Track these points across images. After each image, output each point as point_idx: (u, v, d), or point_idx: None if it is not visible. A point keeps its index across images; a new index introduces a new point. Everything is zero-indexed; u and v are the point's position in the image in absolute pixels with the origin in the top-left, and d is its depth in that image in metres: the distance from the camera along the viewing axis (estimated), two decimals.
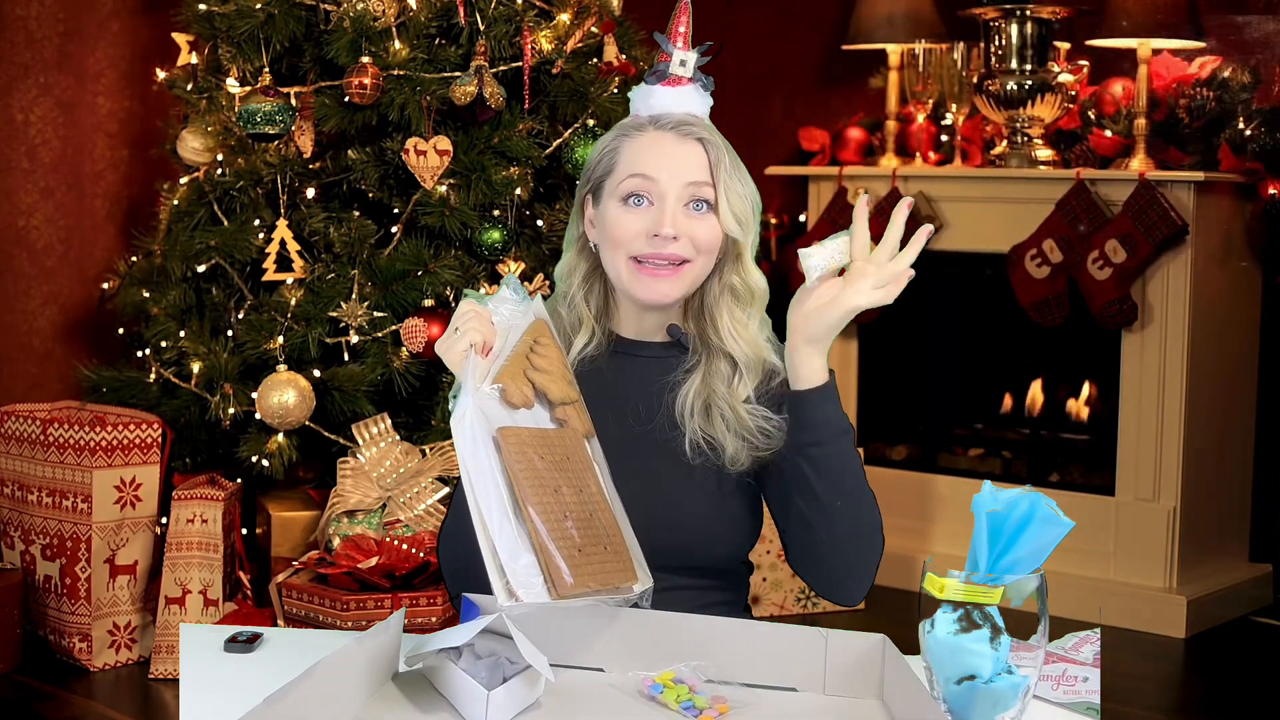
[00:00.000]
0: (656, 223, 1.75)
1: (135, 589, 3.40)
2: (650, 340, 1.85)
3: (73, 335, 4.05)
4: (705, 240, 1.77)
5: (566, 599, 1.51)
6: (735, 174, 1.79)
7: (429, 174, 3.47)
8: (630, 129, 1.81)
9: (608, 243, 1.79)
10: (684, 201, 1.76)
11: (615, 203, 1.78)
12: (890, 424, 4.55)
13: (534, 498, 1.55)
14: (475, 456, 1.54)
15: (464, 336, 1.63)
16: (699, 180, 1.76)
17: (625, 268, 1.78)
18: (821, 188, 4.53)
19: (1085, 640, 1.61)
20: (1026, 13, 4.12)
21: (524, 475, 1.55)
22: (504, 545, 1.51)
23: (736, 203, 1.78)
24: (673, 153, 1.77)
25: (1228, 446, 4.12)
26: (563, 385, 1.69)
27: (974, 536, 1.45)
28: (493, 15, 3.58)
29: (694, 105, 1.82)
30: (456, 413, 1.56)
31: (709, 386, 1.80)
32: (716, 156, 1.77)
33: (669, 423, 1.81)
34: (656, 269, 1.76)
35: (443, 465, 3.39)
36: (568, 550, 1.53)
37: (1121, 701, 3.31)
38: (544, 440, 1.62)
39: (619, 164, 1.79)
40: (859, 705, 1.56)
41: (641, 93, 1.83)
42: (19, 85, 3.97)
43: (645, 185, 1.76)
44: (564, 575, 1.51)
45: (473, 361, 1.62)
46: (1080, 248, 3.96)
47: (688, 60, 1.81)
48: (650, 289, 1.77)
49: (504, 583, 1.49)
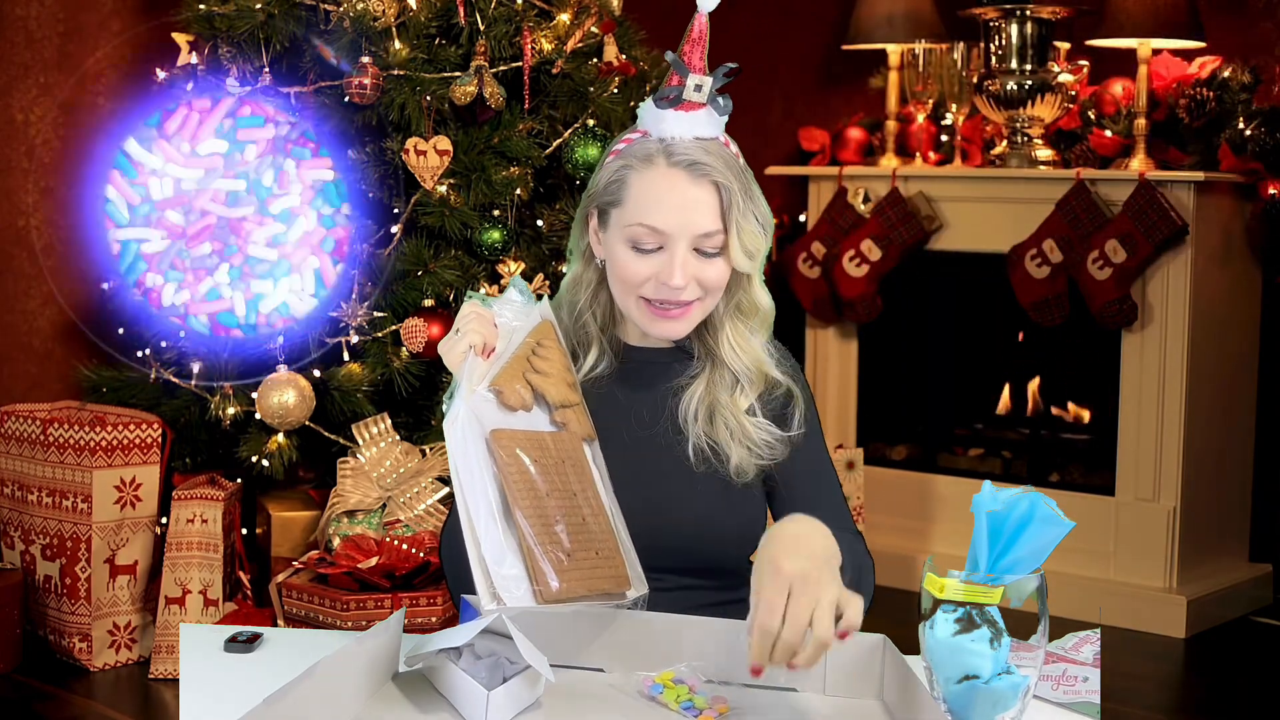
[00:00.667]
0: (666, 273, 1.72)
1: (135, 589, 3.40)
2: (656, 347, 1.86)
3: (73, 335, 4.05)
4: (714, 281, 1.75)
5: (551, 604, 1.51)
6: (748, 207, 1.74)
7: (429, 174, 3.47)
8: (638, 159, 1.73)
9: (616, 280, 1.78)
10: (694, 246, 1.73)
11: (623, 246, 1.74)
12: (890, 424, 4.55)
13: (523, 501, 1.54)
14: (466, 458, 1.54)
15: (464, 338, 1.63)
16: (711, 230, 1.72)
17: (635, 305, 1.77)
18: (821, 188, 4.53)
19: (1085, 640, 1.61)
20: (1026, 13, 4.12)
21: (515, 478, 1.55)
22: (490, 548, 1.50)
23: (748, 240, 1.74)
24: (684, 200, 1.71)
25: (1228, 446, 4.12)
26: (563, 388, 1.68)
27: (974, 536, 1.45)
28: (493, 15, 3.58)
29: (705, 129, 1.74)
30: (449, 415, 1.56)
31: (712, 394, 1.81)
32: (729, 199, 1.71)
33: (673, 427, 1.81)
34: (666, 309, 1.76)
35: (442, 465, 3.39)
36: (555, 555, 1.53)
37: (1121, 701, 3.31)
38: (539, 443, 1.61)
39: (627, 200, 1.73)
40: (859, 705, 1.56)
41: (651, 113, 1.74)
42: (19, 85, 3.97)
43: (654, 237, 1.73)
44: (549, 580, 1.51)
45: (470, 363, 1.61)
46: (1080, 248, 3.97)
47: (704, 85, 1.72)
48: (661, 328, 1.77)
49: (489, 585, 1.49)
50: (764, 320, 1.84)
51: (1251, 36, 4.18)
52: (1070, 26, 4.24)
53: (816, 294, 4.42)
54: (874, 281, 4.28)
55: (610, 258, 1.77)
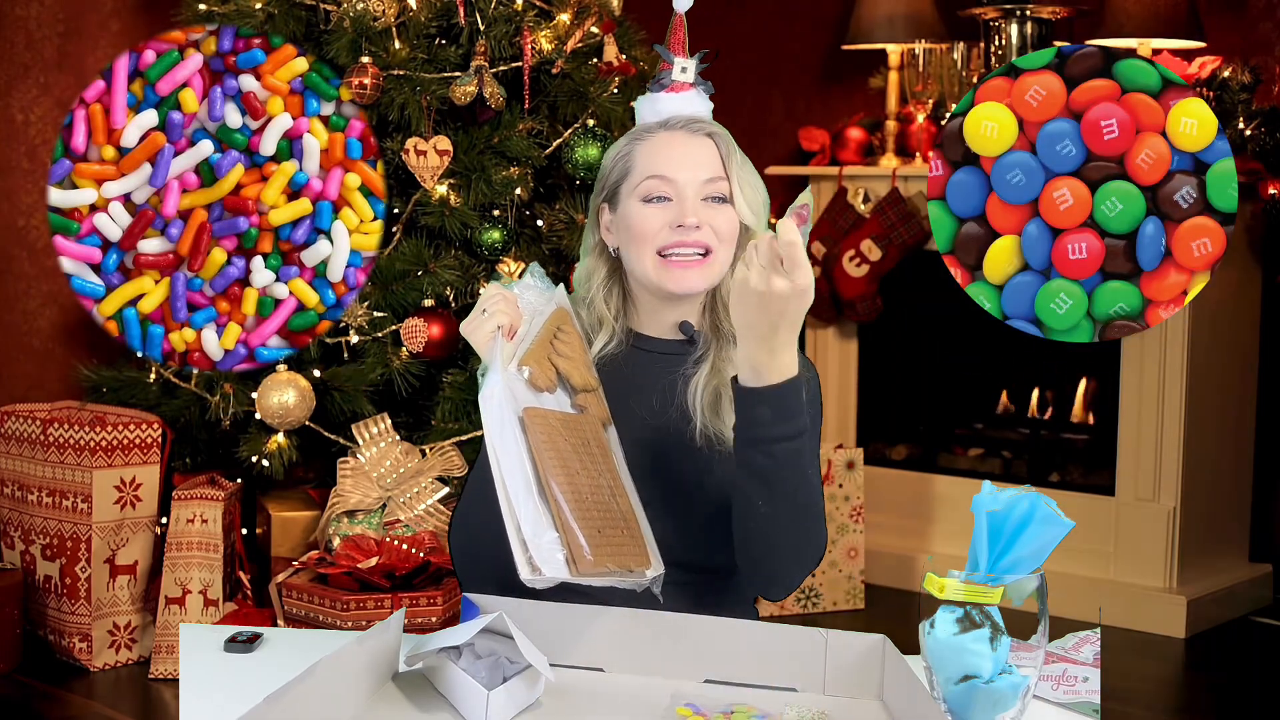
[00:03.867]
0: (680, 214, 1.80)
1: (135, 589, 3.41)
2: (667, 338, 1.88)
3: (73, 335, 4.05)
4: (726, 229, 1.83)
5: (585, 576, 1.54)
6: (747, 165, 1.86)
7: (429, 174, 3.47)
8: (641, 133, 1.87)
9: (632, 240, 1.83)
10: (702, 196, 1.82)
11: (636, 203, 1.83)
12: (890, 424, 4.55)
13: (559, 476, 1.58)
14: (502, 434, 1.58)
15: (492, 318, 1.68)
16: (714, 176, 1.82)
17: (652, 263, 1.82)
18: (821, 188, 4.53)
19: (1085, 640, 1.61)
20: (1026, 13, 4.12)
21: (549, 455, 1.59)
22: (527, 521, 1.54)
23: (750, 194, 1.84)
24: (686, 151, 1.83)
25: (1228, 446, 4.12)
26: (584, 372, 1.73)
27: (974, 536, 1.45)
28: (493, 15, 3.58)
29: (698, 109, 1.89)
30: (485, 390, 1.60)
31: (718, 374, 1.84)
32: (728, 150, 1.84)
33: (682, 416, 1.83)
34: (684, 260, 1.81)
35: (443, 465, 3.40)
36: (589, 529, 1.57)
37: (1121, 701, 3.31)
38: (567, 423, 1.66)
39: (635, 167, 1.84)
40: (859, 705, 1.56)
41: (647, 101, 1.90)
42: (19, 85, 3.98)
43: (664, 186, 1.82)
44: (585, 552, 1.55)
45: (500, 343, 1.66)
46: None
47: (689, 67, 1.88)
48: (679, 280, 1.81)
49: (526, 556, 1.52)
50: None
51: (1251, 36, 4.18)
52: (1070, 26, 4.24)
53: (817, 294, 4.42)
54: (874, 281, 4.28)
55: (624, 225, 1.84)
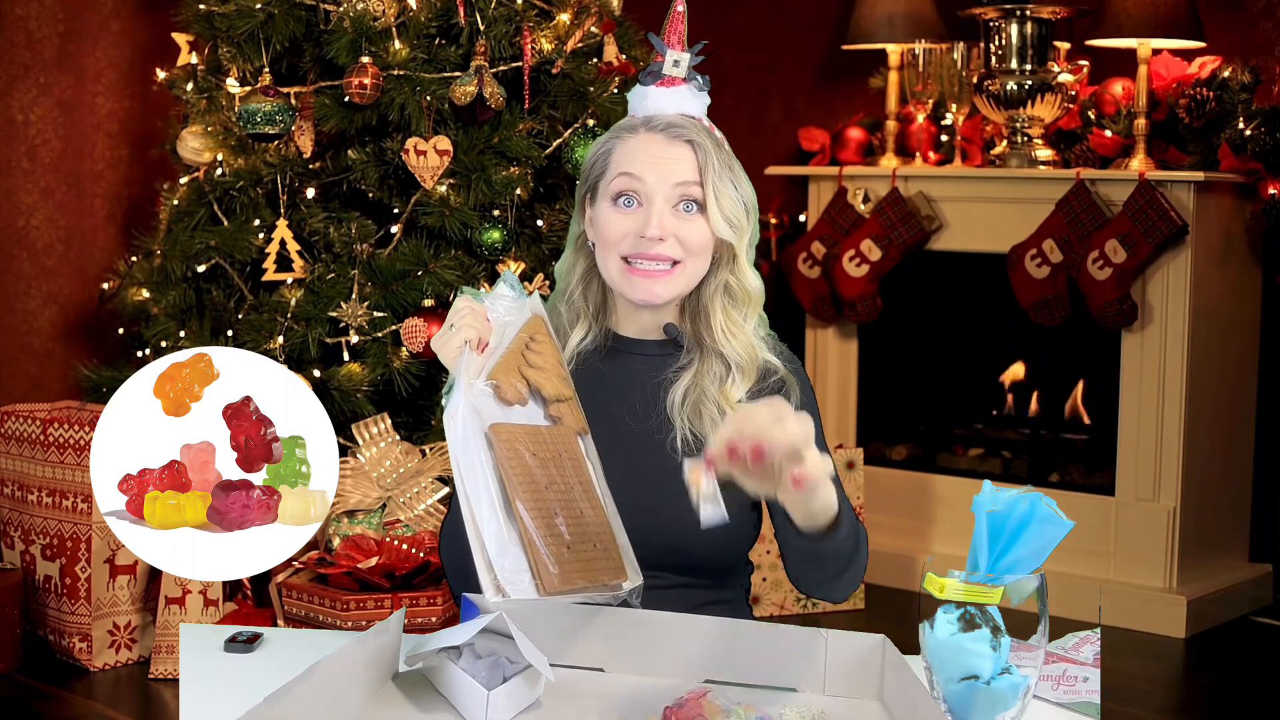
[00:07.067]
0: (643, 224, 1.77)
1: (135, 589, 3.41)
2: (647, 339, 1.86)
3: (73, 335, 4.06)
4: (694, 241, 1.78)
5: (554, 595, 1.52)
6: (726, 175, 1.80)
7: (429, 174, 3.47)
8: (624, 131, 1.83)
9: (600, 242, 1.82)
10: (672, 203, 1.78)
11: (607, 203, 1.80)
12: (890, 424, 4.55)
13: (524, 495, 1.56)
14: (467, 453, 1.56)
15: (459, 333, 1.64)
16: (687, 180, 1.78)
17: (616, 268, 1.80)
18: (821, 188, 4.53)
19: (1085, 640, 1.61)
20: (1026, 13, 4.12)
21: (515, 472, 1.56)
22: (492, 541, 1.52)
23: (727, 205, 1.79)
24: (661, 154, 1.78)
25: (1228, 446, 4.12)
26: (557, 382, 1.70)
27: (974, 536, 1.45)
28: (493, 15, 3.58)
29: (688, 105, 1.84)
30: (449, 409, 1.58)
31: (700, 386, 1.81)
32: (705, 159, 1.78)
33: (663, 422, 1.81)
34: (648, 270, 1.78)
35: (442, 465, 3.39)
36: (556, 547, 1.54)
37: (1121, 701, 3.31)
38: (536, 437, 1.63)
39: (611, 165, 1.81)
40: (859, 705, 1.55)
41: (637, 94, 1.85)
42: (19, 85, 3.97)
43: (633, 185, 1.78)
44: (551, 572, 1.52)
45: (467, 358, 1.63)
46: (1080, 248, 3.96)
47: (681, 61, 1.83)
48: (640, 289, 1.78)
49: (492, 578, 1.51)
50: (755, 305, 1.86)
51: (1251, 36, 4.17)
52: (1070, 26, 4.23)
53: (816, 294, 4.42)
54: (874, 281, 4.28)
55: (596, 226, 1.82)
